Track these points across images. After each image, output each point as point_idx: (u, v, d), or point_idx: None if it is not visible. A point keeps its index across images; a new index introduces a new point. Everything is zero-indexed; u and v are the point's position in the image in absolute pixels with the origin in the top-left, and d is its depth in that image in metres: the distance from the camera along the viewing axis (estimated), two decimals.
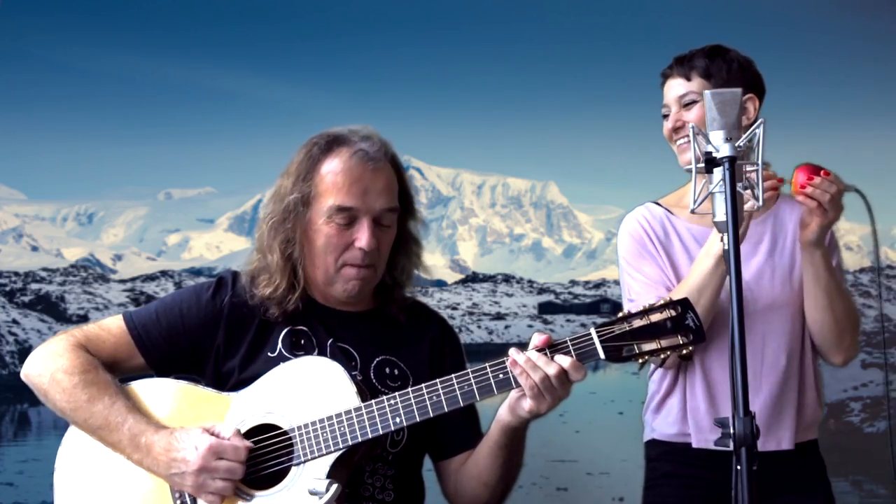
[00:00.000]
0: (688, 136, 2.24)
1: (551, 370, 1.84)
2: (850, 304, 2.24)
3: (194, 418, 1.98)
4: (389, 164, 2.05)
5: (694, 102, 2.25)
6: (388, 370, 2.06)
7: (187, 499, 1.94)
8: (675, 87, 2.28)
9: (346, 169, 2.00)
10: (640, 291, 2.25)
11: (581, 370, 1.86)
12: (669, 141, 2.33)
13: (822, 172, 2.08)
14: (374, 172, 2.01)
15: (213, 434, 1.91)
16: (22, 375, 2.04)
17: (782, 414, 2.23)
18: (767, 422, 2.21)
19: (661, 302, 1.87)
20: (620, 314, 1.87)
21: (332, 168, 2.01)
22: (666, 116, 2.32)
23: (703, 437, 2.22)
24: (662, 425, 2.29)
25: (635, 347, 1.85)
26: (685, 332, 1.85)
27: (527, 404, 1.88)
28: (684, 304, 1.86)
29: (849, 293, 2.27)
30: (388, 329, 2.11)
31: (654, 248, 2.28)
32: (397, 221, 2.08)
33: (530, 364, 1.85)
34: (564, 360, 1.84)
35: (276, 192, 2.05)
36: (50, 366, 1.99)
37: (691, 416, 2.23)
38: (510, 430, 1.96)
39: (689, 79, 2.26)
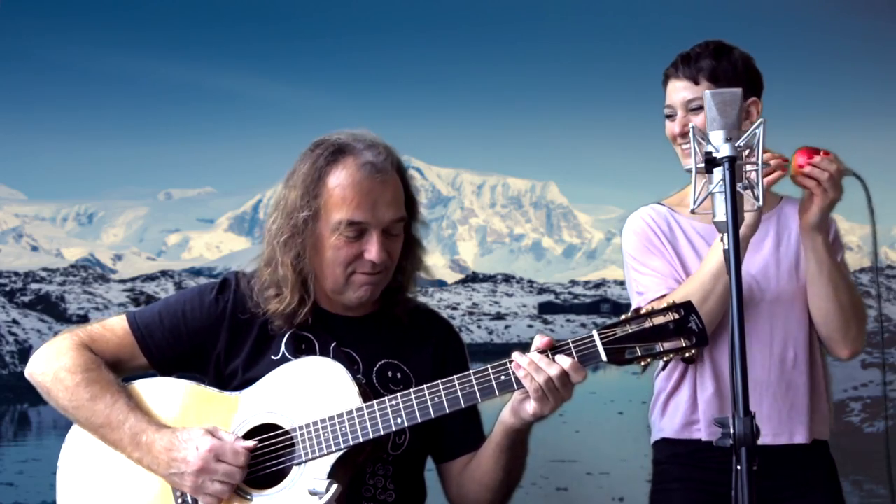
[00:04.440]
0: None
1: (553, 371, 1.84)
2: (856, 295, 2.22)
3: (197, 418, 1.99)
4: (395, 172, 2.04)
5: (702, 108, 2.23)
6: (390, 374, 2.06)
7: (188, 498, 1.94)
8: (682, 91, 2.27)
9: (354, 182, 1.98)
10: (649, 285, 2.23)
11: (581, 371, 1.86)
12: (673, 142, 2.32)
13: (821, 152, 2.09)
14: (383, 184, 2.00)
15: (214, 436, 1.91)
16: (26, 374, 2.05)
17: (794, 408, 2.21)
18: (779, 415, 2.20)
19: (665, 304, 1.87)
20: (623, 316, 1.87)
21: (340, 181, 1.99)
22: (670, 117, 2.31)
23: (714, 431, 2.21)
24: (671, 423, 2.27)
25: (637, 350, 1.85)
26: (688, 334, 1.84)
27: (531, 406, 1.88)
28: (687, 307, 1.85)
29: (854, 285, 2.25)
30: (392, 333, 2.11)
31: (661, 244, 2.28)
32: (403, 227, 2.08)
33: (534, 366, 1.85)
34: (565, 361, 1.85)
35: (284, 205, 2.03)
36: (53, 364, 2.00)
37: (702, 409, 2.22)
38: (513, 433, 1.96)
39: (696, 82, 2.25)
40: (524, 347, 1.90)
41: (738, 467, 1.59)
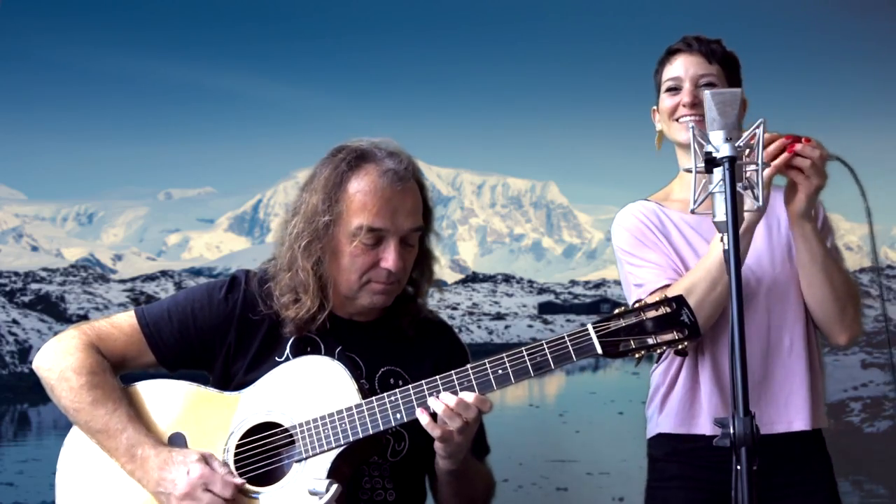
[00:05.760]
0: (700, 113, 2.20)
1: (470, 414, 1.86)
2: (849, 277, 2.21)
3: (197, 419, 1.99)
4: (415, 181, 2.04)
5: (711, 85, 2.23)
6: (392, 381, 2.07)
7: None
8: (696, 65, 2.26)
9: (376, 189, 1.99)
10: (647, 277, 2.21)
11: (486, 402, 1.88)
12: (670, 116, 2.28)
13: (803, 139, 2.08)
14: (403, 193, 2.01)
15: (207, 463, 1.91)
16: (33, 366, 2.05)
17: (792, 395, 2.20)
18: (776, 402, 2.19)
19: (657, 299, 1.89)
20: (617, 310, 1.89)
21: (362, 187, 1.99)
22: (673, 90, 2.28)
23: (716, 426, 2.19)
24: (669, 417, 2.26)
25: (631, 343, 1.87)
26: (680, 327, 1.87)
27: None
28: (679, 301, 1.89)
29: (846, 269, 2.23)
30: (396, 341, 2.11)
31: (655, 238, 2.26)
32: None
33: (448, 412, 1.86)
34: (470, 397, 1.87)
35: (304, 209, 2.03)
36: (60, 362, 2.00)
37: (702, 402, 2.20)
38: (447, 472, 1.98)
39: (710, 61, 2.26)
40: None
41: (738, 467, 1.59)
